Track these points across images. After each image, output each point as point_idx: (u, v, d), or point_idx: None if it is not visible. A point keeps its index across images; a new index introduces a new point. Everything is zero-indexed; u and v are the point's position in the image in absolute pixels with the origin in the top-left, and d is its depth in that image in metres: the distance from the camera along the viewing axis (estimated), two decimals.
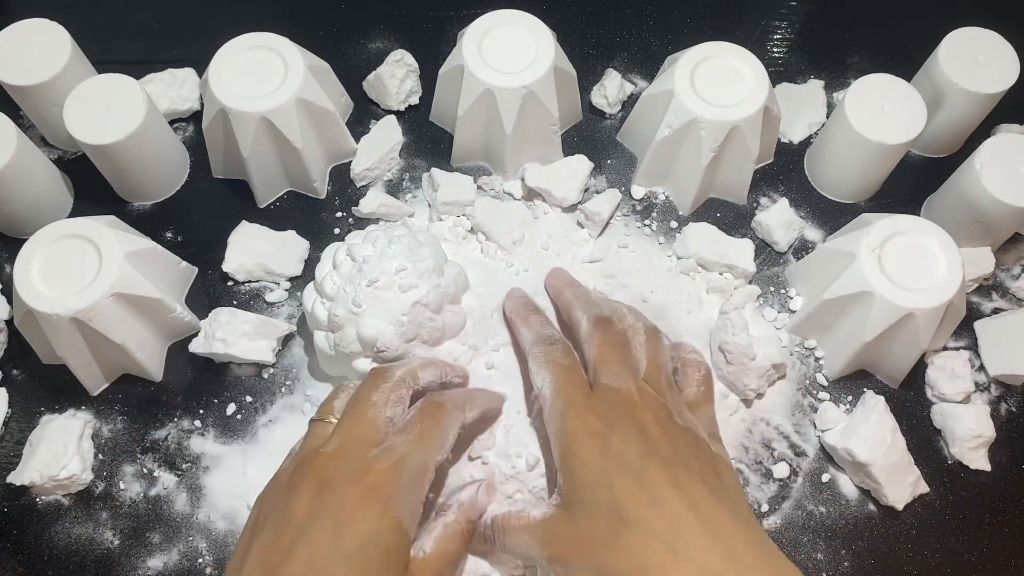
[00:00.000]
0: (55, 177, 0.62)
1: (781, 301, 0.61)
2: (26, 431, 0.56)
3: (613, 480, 0.43)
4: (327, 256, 0.54)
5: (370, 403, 0.46)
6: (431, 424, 0.46)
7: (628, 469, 0.44)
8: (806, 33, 0.72)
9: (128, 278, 0.53)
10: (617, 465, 0.44)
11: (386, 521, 0.42)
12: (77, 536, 0.54)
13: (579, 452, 0.45)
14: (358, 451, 0.44)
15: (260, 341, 0.56)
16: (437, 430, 0.46)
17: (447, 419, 0.47)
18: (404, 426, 0.46)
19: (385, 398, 0.46)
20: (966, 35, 0.61)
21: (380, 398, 0.46)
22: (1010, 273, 0.63)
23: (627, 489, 0.43)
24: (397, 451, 0.44)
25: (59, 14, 0.61)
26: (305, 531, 0.41)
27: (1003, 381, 0.59)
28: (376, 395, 0.46)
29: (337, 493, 0.42)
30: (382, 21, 0.71)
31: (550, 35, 0.61)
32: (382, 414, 0.46)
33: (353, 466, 0.43)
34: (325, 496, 0.42)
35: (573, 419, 0.46)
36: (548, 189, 0.62)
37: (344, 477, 0.43)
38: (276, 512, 0.43)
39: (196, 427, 0.57)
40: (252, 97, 0.57)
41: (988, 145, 0.58)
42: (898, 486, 0.54)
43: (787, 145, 0.67)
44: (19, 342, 0.58)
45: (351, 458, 0.43)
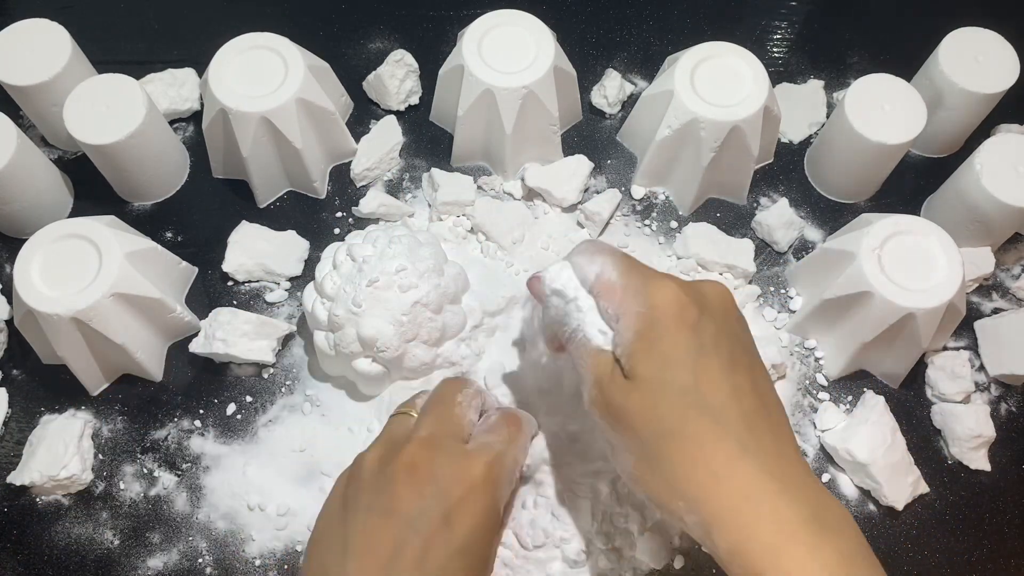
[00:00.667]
0: (55, 177, 0.62)
1: (781, 301, 0.61)
2: (26, 431, 0.56)
3: (700, 361, 0.40)
4: (327, 256, 0.54)
5: (455, 402, 0.47)
6: (516, 429, 0.48)
7: (719, 353, 0.41)
8: (806, 33, 0.72)
9: (128, 278, 0.53)
10: (708, 348, 0.41)
11: (492, 515, 0.43)
12: (77, 536, 0.54)
13: (668, 327, 0.41)
14: (452, 444, 0.44)
15: (260, 341, 0.56)
16: (521, 436, 0.48)
17: (526, 429, 0.49)
18: (491, 427, 0.47)
19: (469, 401, 0.48)
20: (966, 35, 0.61)
21: (464, 400, 0.48)
22: (1010, 273, 0.63)
23: (713, 375, 0.40)
24: (495, 448, 0.45)
25: (59, 14, 0.61)
26: (413, 522, 0.41)
27: (1003, 381, 0.59)
28: (461, 396, 0.48)
29: (441, 483, 0.42)
30: (382, 21, 0.71)
31: (550, 35, 0.61)
32: (467, 414, 0.47)
33: (453, 457, 0.43)
34: (429, 486, 0.42)
35: (661, 292, 0.42)
36: (548, 189, 0.62)
37: (446, 468, 0.43)
38: (371, 497, 0.42)
39: (196, 427, 0.57)
40: (252, 97, 0.57)
41: (988, 145, 0.58)
42: (898, 486, 0.54)
43: (787, 145, 0.67)
44: (19, 342, 0.58)
45: (449, 449, 0.44)
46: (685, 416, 0.39)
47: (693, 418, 0.39)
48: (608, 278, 0.43)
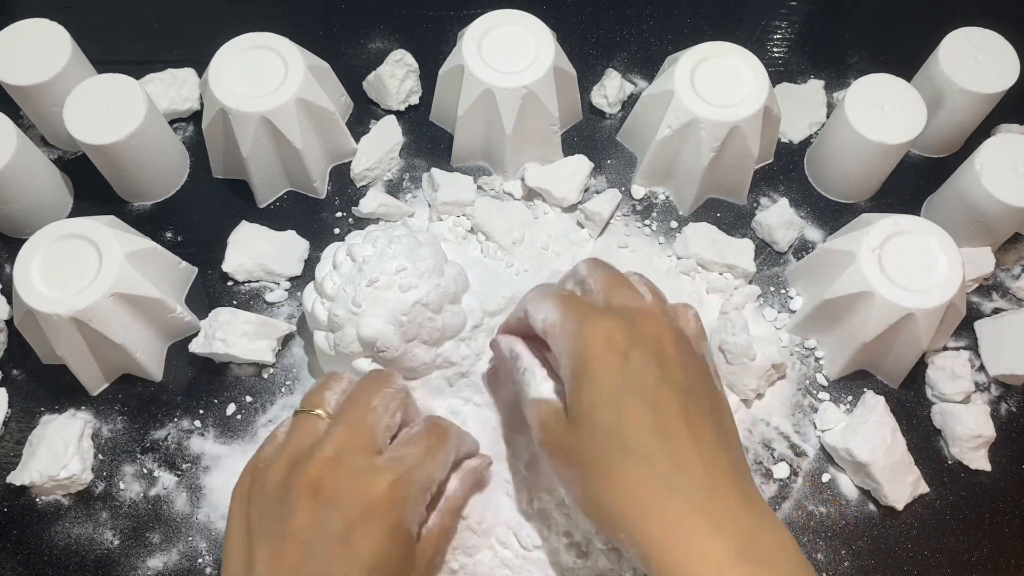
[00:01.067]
0: (55, 177, 0.62)
1: (781, 301, 0.61)
2: (26, 431, 0.56)
3: (624, 402, 0.41)
4: (327, 256, 0.54)
5: (370, 407, 0.44)
6: (437, 442, 0.45)
7: (643, 392, 0.41)
8: (806, 33, 0.72)
9: (128, 278, 0.53)
10: (633, 387, 0.41)
11: (398, 534, 0.41)
12: (77, 536, 0.54)
13: (595, 368, 0.42)
14: (359, 458, 0.42)
15: (260, 341, 0.56)
16: (443, 448, 0.45)
17: (450, 443, 0.46)
18: (410, 439, 0.45)
19: (386, 404, 0.45)
20: (966, 35, 0.61)
21: (381, 404, 0.45)
22: (1010, 273, 0.63)
23: (637, 414, 0.41)
24: (405, 463, 0.43)
25: (59, 14, 0.61)
26: (312, 547, 0.40)
27: (1003, 381, 0.59)
28: (377, 400, 0.45)
29: (341, 506, 0.40)
30: (382, 21, 0.71)
31: (550, 35, 0.61)
32: (382, 421, 0.44)
33: (357, 476, 0.41)
34: (330, 507, 0.40)
35: (591, 331, 0.43)
36: (548, 189, 0.62)
37: (347, 489, 0.41)
38: (274, 520, 0.41)
39: (196, 427, 0.57)
40: (252, 97, 0.57)
41: (988, 145, 0.58)
42: (898, 486, 0.54)
43: (787, 145, 0.67)
44: (19, 342, 0.58)
45: (352, 465, 0.42)
46: (611, 457, 0.40)
47: (619, 459, 0.40)
48: (551, 321, 0.45)
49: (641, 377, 0.41)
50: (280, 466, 0.43)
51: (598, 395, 0.42)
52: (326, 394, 0.46)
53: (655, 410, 0.41)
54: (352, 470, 0.42)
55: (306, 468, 0.41)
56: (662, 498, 0.39)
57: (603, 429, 0.41)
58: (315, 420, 0.45)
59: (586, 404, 0.42)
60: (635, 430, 0.40)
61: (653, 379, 0.41)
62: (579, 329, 0.43)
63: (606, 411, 0.41)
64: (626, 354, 0.42)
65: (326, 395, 0.46)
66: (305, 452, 0.43)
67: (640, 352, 0.42)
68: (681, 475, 0.40)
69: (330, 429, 0.44)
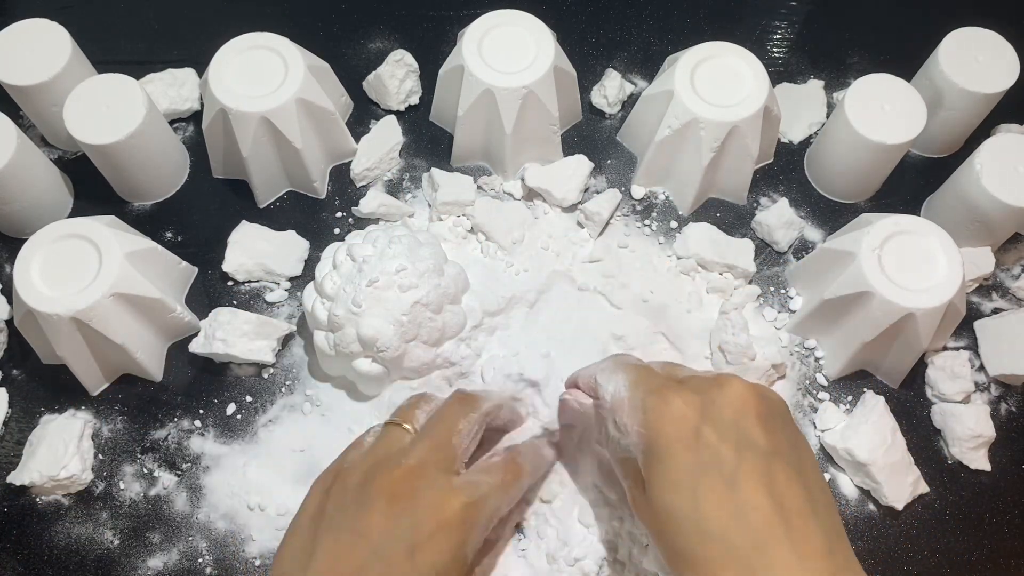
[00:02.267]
0: (55, 177, 0.62)
1: (781, 301, 0.61)
2: (26, 431, 0.56)
3: (699, 484, 0.39)
4: (327, 256, 0.54)
5: (456, 429, 0.46)
6: (512, 479, 0.46)
7: (719, 468, 0.39)
8: (806, 33, 0.72)
9: (128, 278, 0.53)
10: (706, 464, 0.39)
11: (459, 556, 0.42)
12: (77, 536, 0.54)
13: (665, 449, 0.40)
14: (439, 475, 0.43)
15: (260, 341, 0.56)
16: (515, 487, 0.47)
17: (523, 481, 0.48)
18: (488, 468, 0.46)
19: (470, 429, 0.46)
20: (966, 35, 0.61)
21: (466, 428, 0.46)
22: (1010, 273, 0.63)
23: (714, 496, 0.38)
24: (481, 489, 0.44)
25: (59, 14, 0.61)
26: (379, 549, 0.40)
27: (1003, 381, 0.59)
28: (464, 424, 0.46)
29: (417, 515, 0.41)
30: (382, 21, 0.71)
31: (550, 35, 0.61)
32: (463, 443, 0.46)
33: (435, 491, 0.42)
34: (404, 515, 0.41)
35: (657, 407, 0.41)
36: (548, 189, 0.62)
37: (423, 501, 0.42)
38: (346, 516, 0.42)
39: (196, 427, 0.57)
40: (252, 97, 0.57)
41: (988, 145, 0.58)
42: (898, 486, 0.54)
43: (787, 145, 0.67)
44: (19, 342, 0.58)
45: (433, 481, 0.43)
46: (689, 542, 0.39)
47: (697, 544, 0.38)
48: (619, 395, 0.44)
49: (715, 452, 0.39)
50: (363, 469, 0.44)
51: (671, 477, 0.40)
52: (416, 411, 0.48)
53: (732, 487, 0.38)
54: (431, 484, 0.43)
55: (389, 472, 0.43)
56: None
57: (680, 513, 0.39)
58: (403, 432, 0.46)
59: (660, 487, 0.40)
60: (712, 512, 0.38)
61: (730, 450, 0.39)
62: (647, 403, 0.42)
63: (680, 495, 0.39)
64: (697, 429, 0.40)
65: (416, 412, 0.48)
66: (389, 459, 0.44)
67: (713, 424, 0.40)
68: (763, 557, 0.37)
69: (415, 442, 0.45)
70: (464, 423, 0.46)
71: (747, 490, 0.38)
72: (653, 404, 0.41)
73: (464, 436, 0.46)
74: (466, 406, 0.47)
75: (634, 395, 0.43)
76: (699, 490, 0.39)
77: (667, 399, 0.41)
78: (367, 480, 0.43)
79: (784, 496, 0.38)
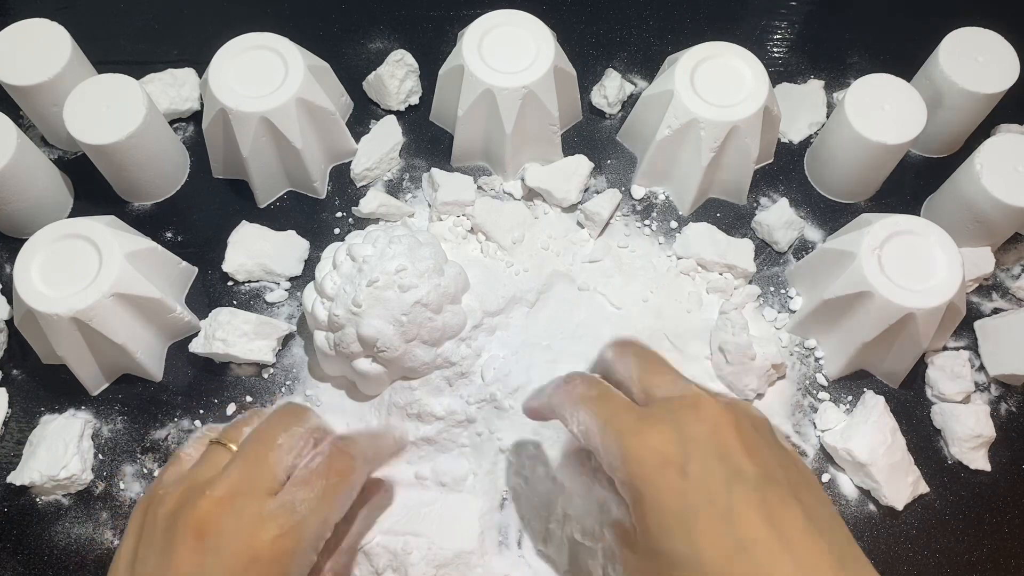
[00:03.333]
0: (55, 177, 0.62)
1: (781, 301, 0.61)
2: (26, 431, 0.56)
3: (693, 525, 0.37)
4: (327, 256, 0.54)
5: (274, 445, 0.41)
6: (338, 482, 0.41)
7: (712, 506, 0.37)
8: (806, 33, 0.72)
9: (128, 278, 0.53)
10: (698, 504, 0.37)
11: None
12: (77, 536, 0.54)
13: (653, 496, 0.38)
14: (251, 502, 0.39)
15: (260, 341, 0.56)
16: (344, 489, 0.41)
17: (355, 476, 0.42)
18: (307, 478, 0.40)
19: (292, 444, 0.41)
20: (966, 35, 0.61)
21: (288, 442, 0.41)
22: (1010, 273, 0.63)
23: (711, 535, 0.36)
24: (297, 512, 0.39)
25: (59, 14, 0.61)
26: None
27: (1003, 381, 0.59)
28: (284, 438, 0.41)
29: (222, 555, 0.38)
30: (382, 21, 0.71)
31: (550, 35, 0.61)
32: (285, 460, 0.41)
33: (244, 523, 0.38)
34: (211, 556, 0.38)
35: (636, 448, 0.39)
36: (548, 189, 0.62)
37: (232, 536, 0.38)
38: (157, 555, 0.39)
39: (196, 427, 0.57)
40: (252, 97, 0.57)
41: (988, 145, 0.58)
42: (898, 486, 0.54)
43: (787, 145, 0.67)
44: (19, 342, 0.58)
45: (242, 512, 0.39)
46: None
47: None
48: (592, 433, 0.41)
49: (705, 489, 0.37)
50: (175, 496, 0.40)
51: (664, 524, 0.37)
52: (244, 428, 0.43)
53: (729, 522, 0.36)
54: (240, 514, 0.39)
55: (195, 506, 0.39)
56: None
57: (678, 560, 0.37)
58: (223, 454, 0.42)
59: (655, 536, 0.38)
60: (711, 553, 0.36)
61: (719, 485, 0.37)
62: (624, 451, 0.39)
63: (676, 540, 0.37)
64: (682, 468, 0.38)
65: (244, 429, 0.43)
66: (199, 487, 0.40)
67: (698, 460, 0.38)
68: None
69: (228, 465, 0.41)
70: (285, 437, 0.41)
71: (744, 524, 0.36)
72: (632, 449, 0.39)
73: (285, 452, 0.41)
74: (288, 418, 0.43)
75: (607, 438, 0.40)
76: (694, 532, 0.37)
77: (643, 443, 0.39)
78: (175, 512, 0.39)
79: (783, 522, 0.37)
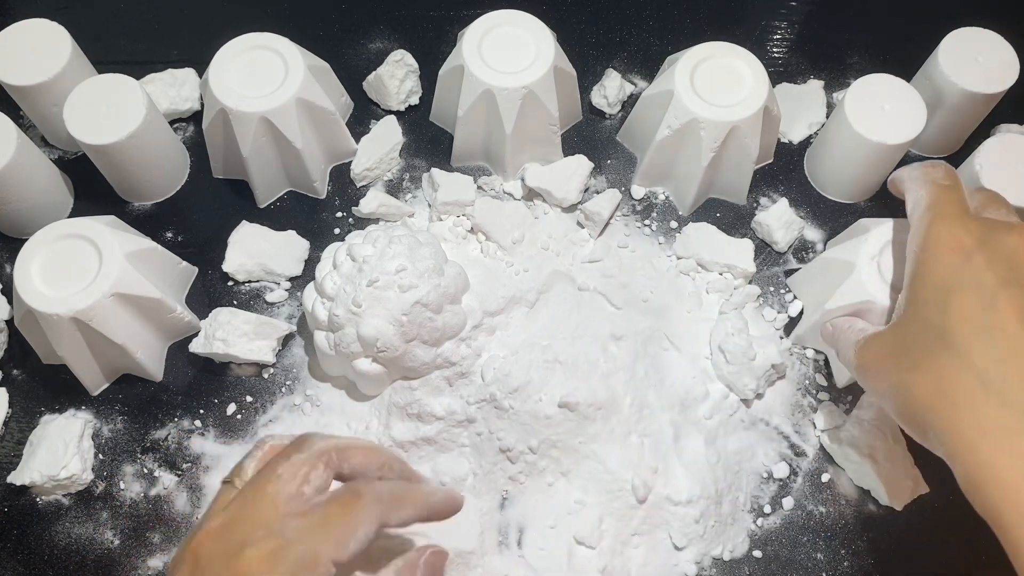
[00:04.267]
0: (55, 177, 0.62)
1: (781, 301, 0.61)
2: (26, 431, 0.56)
3: (954, 298, 0.40)
4: (327, 256, 0.54)
5: (275, 475, 0.39)
6: (338, 513, 0.38)
7: (979, 290, 0.39)
8: (806, 33, 0.72)
9: (128, 278, 0.53)
10: (967, 284, 0.40)
11: None
12: (77, 536, 0.54)
13: (931, 265, 0.41)
14: (240, 530, 0.37)
15: (260, 341, 0.57)
16: (343, 522, 0.38)
17: (361, 513, 0.38)
18: (307, 510, 0.38)
19: (294, 472, 0.39)
20: (966, 35, 0.61)
21: (288, 471, 0.39)
22: None
23: (966, 309, 0.39)
24: (283, 536, 0.36)
25: (59, 14, 0.61)
26: None
27: None
28: (284, 467, 0.39)
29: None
30: (382, 21, 0.71)
31: (550, 35, 0.61)
32: (284, 490, 0.38)
33: (230, 548, 0.37)
34: None
35: (939, 230, 0.42)
36: (548, 189, 0.62)
37: (215, 563, 0.37)
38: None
39: (196, 427, 0.57)
40: (252, 97, 0.57)
41: (988, 145, 0.58)
42: (898, 486, 0.54)
43: (787, 145, 0.67)
44: (19, 342, 0.58)
45: (230, 539, 0.37)
46: (929, 351, 0.39)
47: (936, 352, 0.39)
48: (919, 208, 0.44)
49: (980, 276, 0.40)
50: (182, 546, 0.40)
51: (930, 292, 0.41)
52: (245, 462, 0.42)
53: (988, 308, 0.39)
54: (228, 542, 0.37)
55: (192, 539, 0.38)
56: (975, 394, 0.38)
57: (926, 323, 0.40)
58: (230, 492, 0.40)
59: (915, 302, 0.41)
60: (959, 324, 0.39)
61: (995, 279, 0.39)
62: (929, 229, 0.42)
63: (932, 306, 0.40)
64: (969, 254, 0.40)
65: (244, 463, 0.42)
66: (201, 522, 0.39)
67: (986, 254, 0.40)
68: (1001, 373, 0.37)
69: (231, 501, 0.39)
70: (284, 466, 0.39)
71: (1001, 314, 0.38)
72: (936, 228, 0.42)
73: (285, 481, 0.38)
74: (292, 447, 0.40)
75: (925, 216, 0.43)
76: (951, 302, 0.39)
77: (951, 226, 0.42)
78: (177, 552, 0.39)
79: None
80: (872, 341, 0.44)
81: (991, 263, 0.40)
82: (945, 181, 0.45)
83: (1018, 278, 0.39)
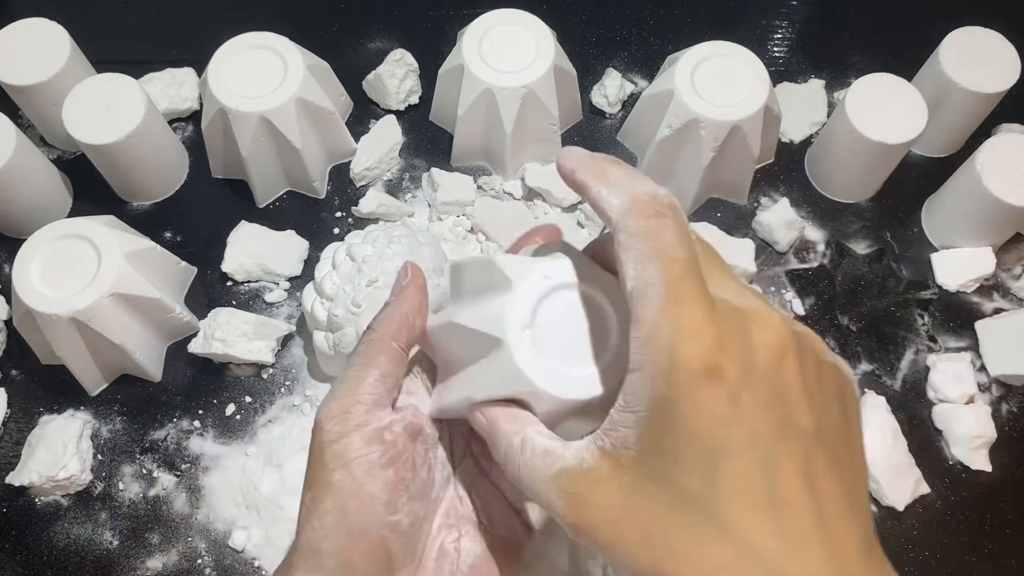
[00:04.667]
0: (54, 177, 0.62)
1: (781, 301, 0.61)
2: (25, 431, 0.56)
3: (724, 463, 0.28)
4: (327, 256, 0.54)
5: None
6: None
7: (753, 448, 0.28)
8: (806, 33, 0.72)
9: (127, 278, 0.53)
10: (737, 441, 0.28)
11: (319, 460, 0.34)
12: (76, 536, 0.54)
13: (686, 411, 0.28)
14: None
15: (259, 341, 0.56)
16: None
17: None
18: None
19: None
20: (967, 35, 0.61)
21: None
22: (1011, 273, 0.63)
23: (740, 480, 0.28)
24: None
25: (59, 14, 0.61)
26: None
27: (1004, 381, 0.59)
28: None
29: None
30: (382, 21, 0.71)
31: (550, 35, 0.61)
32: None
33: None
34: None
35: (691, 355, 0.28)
36: (548, 189, 0.62)
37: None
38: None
39: (195, 427, 0.56)
40: (252, 97, 0.57)
41: (989, 145, 0.57)
42: (899, 486, 0.54)
43: (787, 145, 0.67)
44: (18, 342, 0.58)
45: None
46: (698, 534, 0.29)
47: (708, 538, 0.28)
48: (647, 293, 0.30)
49: (753, 427, 0.29)
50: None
51: (686, 449, 0.29)
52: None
53: (768, 472, 0.28)
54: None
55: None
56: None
57: (682, 492, 0.29)
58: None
59: (666, 458, 0.29)
60: (732, 499, 0.28)
61: (768, 426, 0.29)
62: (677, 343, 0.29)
63: (694, 472, 0.29)
64: (734, 395, 0.29)
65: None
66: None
67: (755, 391, 0.29)
68: (794, 563, 0.28)
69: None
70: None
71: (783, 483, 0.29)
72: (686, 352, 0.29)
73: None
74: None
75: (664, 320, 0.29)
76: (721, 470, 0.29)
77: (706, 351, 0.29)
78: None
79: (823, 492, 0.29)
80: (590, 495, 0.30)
81: (759, 402, 0.29)
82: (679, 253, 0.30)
83: (791, 417, 0.29)
